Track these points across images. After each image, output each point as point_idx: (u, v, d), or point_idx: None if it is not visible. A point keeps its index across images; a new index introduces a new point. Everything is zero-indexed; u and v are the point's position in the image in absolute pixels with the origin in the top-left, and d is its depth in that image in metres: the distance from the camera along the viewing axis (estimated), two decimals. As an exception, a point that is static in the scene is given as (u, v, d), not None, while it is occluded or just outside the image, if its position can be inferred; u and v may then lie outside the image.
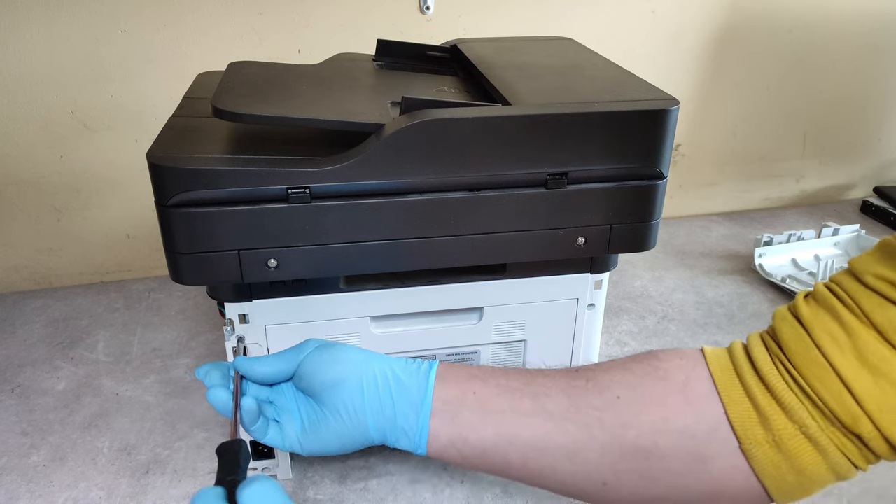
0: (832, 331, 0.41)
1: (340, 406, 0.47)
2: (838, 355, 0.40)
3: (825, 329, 0.41)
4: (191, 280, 0.53)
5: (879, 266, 0.41)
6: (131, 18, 0.90)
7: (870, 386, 0.39)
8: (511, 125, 0.52)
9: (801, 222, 1.25)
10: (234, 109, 0.51)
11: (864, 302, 0.41)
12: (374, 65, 0.73)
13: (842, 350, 0.40)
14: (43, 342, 0.90)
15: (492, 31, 1.03)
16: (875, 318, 0.40)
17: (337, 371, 0.47)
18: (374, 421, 0.47)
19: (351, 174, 0.51)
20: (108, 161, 0.98)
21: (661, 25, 1.11)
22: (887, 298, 0.40)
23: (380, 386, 0.47)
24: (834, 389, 0.40)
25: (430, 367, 0.49)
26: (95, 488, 0.67)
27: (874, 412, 0.39)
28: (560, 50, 0.73)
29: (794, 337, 0.43)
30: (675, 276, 1.06)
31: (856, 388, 0.39)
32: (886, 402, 0.39)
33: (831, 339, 0.41)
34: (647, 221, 0.58)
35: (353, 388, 0.47)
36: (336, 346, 0.49)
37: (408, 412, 0.47)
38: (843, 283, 0.43)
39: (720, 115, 1.22)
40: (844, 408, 0.40)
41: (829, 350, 0.40)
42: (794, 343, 0.42)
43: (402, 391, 0.47)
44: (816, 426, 0.41)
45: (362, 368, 0.48)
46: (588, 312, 0.65)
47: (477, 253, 0.56)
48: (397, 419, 0.47)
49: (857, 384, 0.39)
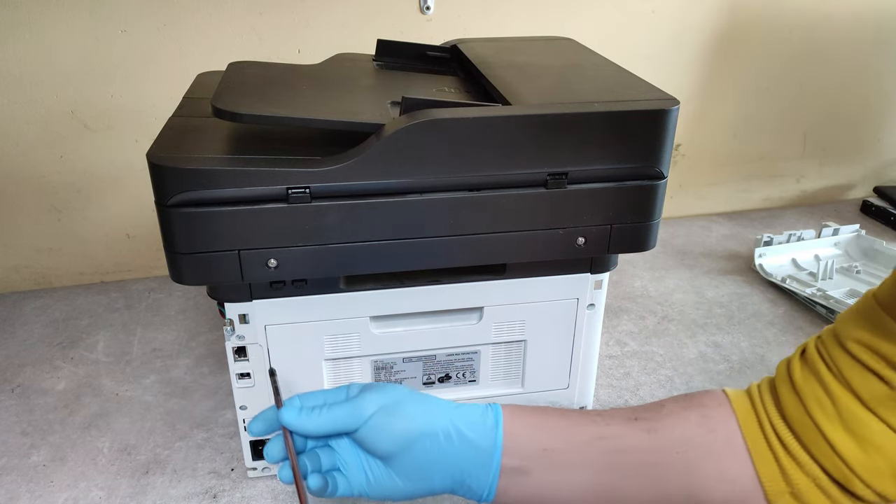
0: (819, 398, 0.44)
1: (407, 469, 0.46)
2: (826, 422, 0.43)
3: (814, 395, 0.45)
4: (191, 280, 0.53)
5: (859, 329, 0.44)
6: (131, 19, 0.90)
7: (856, 451, 0.42)
8: (511, 125, 0.52)
9: (801, 222, 1.25)
10: (234, 109, 0.51)
11: (846, 369, 0.44)
12: (374, 65, 0.73)
13: (829, 417, 0.43)
14: (43, 342, 0.90)
15: (492, 31, 1.03)
16: (855, 385, 0.43)
17: (402, 437, 0.46)
18: (441, 481, 0.47)
19: (351, 174, 0.51)
20: (108, 161, 0.98)
21: (661, 25, 1.11)
22: (867, 367, 0.43)
23: (445, 447, 0.46)
24: (826, 454, 0.43)
25: (497, 420, 0.47)
26: (95, 488, 0.67)
27: (863, 474, 0.42)
28: (560, 50, 0.73)
29: (790, 401, 0.46)
30: (675, 276, 1.06)
31: (844, 454, 0.42)
32: (873, 465, 0.42)
33: (819, 406, 0.44)
34: (647, 221, 0.58)
35: (418, 453, 0.46)
36: (397, 408, 0.47)
37: (475, 472, 0.46)
38: (828, 346, 0.46)
39: (720, 115, 1.22)
40: (837, 470, 0.43)
41: (818, 417, 0.44)
42: (792, 408, 0.46)
43: (469, 451, 0.46)
44: (826, 480, 0.44)
45: (427, 431, 0.46)
46: (588, 312, 0.65)
47: (477, 253, 0.56)
48: (464, 479, 0.46)
49: (844, 449, 0.42)
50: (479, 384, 0.68)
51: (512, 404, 0.49)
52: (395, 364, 0.65)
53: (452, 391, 0.67)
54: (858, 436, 0.42)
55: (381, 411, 0.46)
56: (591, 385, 0.71)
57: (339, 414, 0.47)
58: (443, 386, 0.67)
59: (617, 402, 0.79)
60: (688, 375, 0.83)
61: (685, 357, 0.86)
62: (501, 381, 0.68)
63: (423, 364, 0.65)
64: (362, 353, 0.63)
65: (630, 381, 0.82)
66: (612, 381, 0.82)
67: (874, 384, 0.42)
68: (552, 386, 0.69)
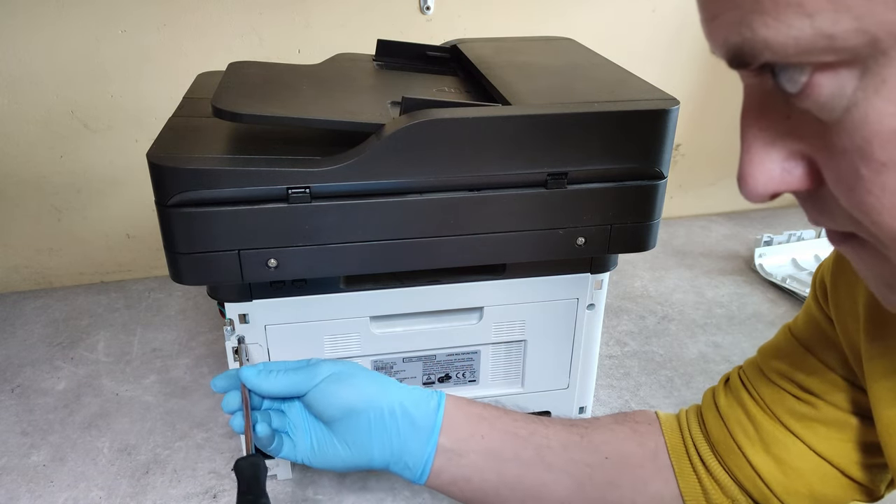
0: (742, 422, 0.47)
1: (348, 437, 0.48)
2: (748, 445, 0.46)
3: (737, 420, 0.48)
4: (191, 280, 0.53)
5: (778, 362, 0.47)
6: (131, 18, 0.90)
7: (776, 473, 0.45)
8: (511, 125, 0.52)
9: (801, 222, 1.25)
10: (234, 109, 0.51)
11: (767, 395, 0.47)
12: (374, 65, 0.73)
13: (751, 440, 0.46)
14: (43, 342, 0.90)
15: (492, 31, 1.03)
16: (776, 409, 0.46)
17: (347, 404, 0.48)
18: (380, 454, 0.48)
19: (351, 174, 0.51)
20: (108, 161, 0.98)
21: (662, 25, 1.11)
22: (786, 391, 0.46)
23: (388, 422, 0.48)
24: (748, 475, 0.46)
25: (439, 404, 0.49)
26: (95, 488, 0.67)
27: (782, 495, 0.45)
28: (560, 50, 0.73)
29: (715, 425, 0.49)
30: (675, 276, 1.06)
31: (764, 475, 0.45)
32: (791, 486, 0.45)
33: (742, 430, 0.47)
34: (646, 221, 0.58)
35: (362, 422, 0.48)
36: (347, 377, 0.49)
37: (413, 449, 0.48)
38: (751, 376, 0.49)
39: (720, 115, 1.22)
40: (758, 490, 0.46)
41: (741, 440, 0.47)
42: (715, 431, 0.49)
43: (409, 428, 0.48)
44: (745, 501, 0.47)
45: (372, 403, 0.48)
46: (588, 312, 0.65)
47: (477, 253, 0.56)
48: (403, 454, 0.48)
49: (765, 471, 0.45)
50: (479, 384, 0.68)
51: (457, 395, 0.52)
52: (395, 364, 0.65)
53: (452, 391, 0.67)
54: (778, 458, 0.45)
55: (330, 378, 0.49)
56: (591, 385, 0.71)
57: (294, 378, 0.50)
58: (443, 386, 0.67)
59: (617, 402, 0.79)
60: (688, 375, 0.83)
61: (685, 357, 0.86)
62: (501, 381, 0.68)
63: (423, 364, 0.65)
64: (362, 352, 0.63)
65: (630, 381, 0.82)
66: (612, 381, 0.82)
67: (794, 403, 0.45)
68: (552, 386, 0.69)
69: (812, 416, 0.44)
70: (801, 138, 0.24)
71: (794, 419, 0.45)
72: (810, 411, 0.44)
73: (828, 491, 0.44)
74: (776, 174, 0.25)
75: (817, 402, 0.44)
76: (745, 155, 0.25)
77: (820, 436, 0.44)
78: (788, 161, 0.25)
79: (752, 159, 0.25)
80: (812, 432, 0.44)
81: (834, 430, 0.44)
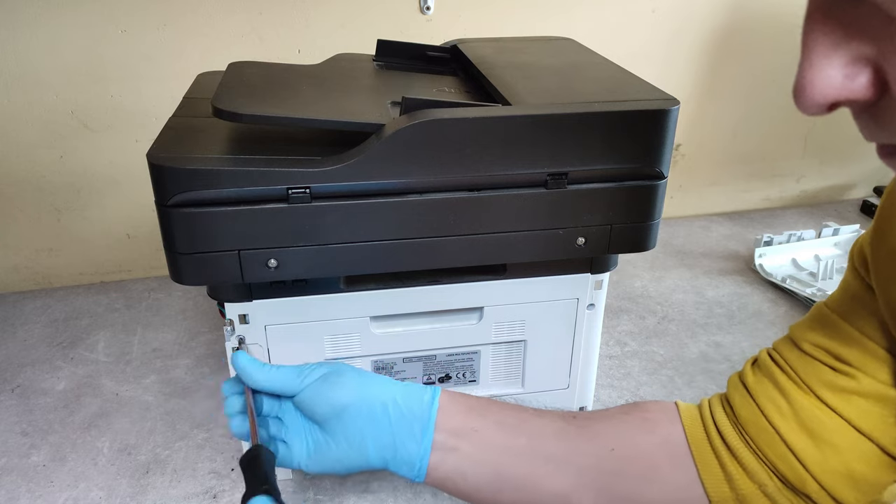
0: (774, 398, 0.44)
1: (342, 435, 0.48)
2: (781, 421, 0.43)
3: (768, 396, 0.45)
4: (191, 280, 0.53)
5: (813, 333, 0.44)
6: (131, 18, 0.90)
7: (811, 449, 0.42)
8: (511, 125, 0.52)
9: (801, 222, 1.25)
10: (234, 109, 0.50)
11: (801, 367, 0.44)
12: (374, 65, 0.73)
13: (783, 416, 0.44)
14: (43, 342, 0.90)
15: (492, 31, 1.03)
16: (811, 381, 0.43)
17: (338, 401, 0.48)
18: (376, 450, 0.48)
19: (351, 174, 0.51)
20: (108, 161, 0.98)
21: (661, 25, 1.11)
22: (821, 362, 0.43)
23: (381, 417, 0.48)
24: (781, 454, 0.43)
25: (433, 398, 0.49)
26: (95, 488, 0.67)
27: (818, 473, 0.42)
28: (560, 50, 0.73)
29: (743, 405, 0.46)
30: (675, 276, 1.06)
31: (799, 452, 0.42)
32: (827, 464, 0.42)
33: (774, 405, 0.44)
34: (647, 221, 0.58)
35: (354, 419, 0.48)
36: (339, 375, 0.49)
37: (409, 444, 0.47)
38: (782, 350, 0.46)
39: (720, 115, 1.22)
40: (792, 470, 0.43)
41: (773, 416, 0.44)
42: (744, 410, 0.46)
43: (403, 422, 0.48)
44: (774, 486, 0.44)
45: (363, 398, 0.48)
46: (588, 312, 0.65)
47: (477, 253, 0.56)
48: (398, 450, 0.48)
49: (799, 448, 0.42)
50: (479, 384, 0.68)
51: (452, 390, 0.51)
52: (396, 364, 0.65)
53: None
54: (814, 433, 0.42)
55: (321, 378, 0.49)
56: (591, 385, 0.71)
57: (286, 373, 0.50)
58: (443, 386, 0.67)
59: (617, 403, 0.79)
60: (689, 375, 0.83)
61: (686, 357, 0.86)
62: (501, 381, 0.68)
63: (423, 364, 0.65)
64: (362, 353, 0.63)
65: (631, 381, 0.82)
66: (613, 381, 0.82)
67: (830, 375, 0.43)
68: (552, 386, 0.69)
69: (850, 389, 0.41)
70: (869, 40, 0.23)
71: (831, 392, 0.42)
72: (849, 383, 0.42)
73: (867, 470, 0.41)
74: (837, 81, 0.24)
75: (856, 373, 0.41)
76: (804, 61, 0.24)
77: (860, 409, 0.41)
78: (851, 66, 0.24)
79: (813, 64, 0.24)
80: (851, 406, 0.41)
81: (874, 404, 0.41)
